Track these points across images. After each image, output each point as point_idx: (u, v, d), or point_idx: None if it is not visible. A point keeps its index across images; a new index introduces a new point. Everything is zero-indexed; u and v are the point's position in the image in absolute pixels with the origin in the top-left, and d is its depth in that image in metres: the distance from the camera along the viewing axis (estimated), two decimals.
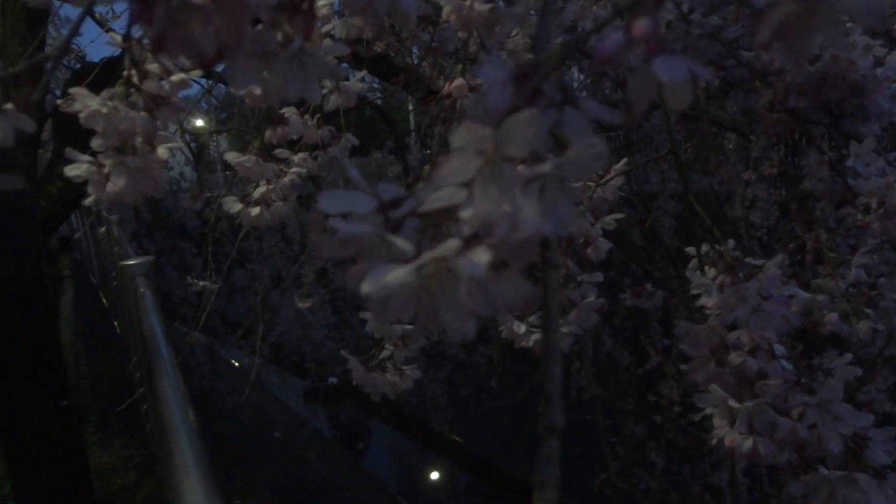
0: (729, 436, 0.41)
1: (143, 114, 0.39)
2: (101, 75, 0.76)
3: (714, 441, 0.41)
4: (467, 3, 0.41)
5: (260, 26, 0.27)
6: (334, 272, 3.54)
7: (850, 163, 0.59)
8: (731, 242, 0.57)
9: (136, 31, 0.39)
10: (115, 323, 2.92)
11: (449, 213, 0.20)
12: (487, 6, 0.41)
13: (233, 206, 0.55)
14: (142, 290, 1.25)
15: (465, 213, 0.19)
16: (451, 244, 0.18)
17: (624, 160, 0.63)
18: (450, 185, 0.19)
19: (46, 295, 1.44)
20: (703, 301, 0.46)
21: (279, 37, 0.29)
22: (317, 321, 3.75)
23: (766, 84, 0.65)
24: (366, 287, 0.18)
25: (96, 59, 1.86)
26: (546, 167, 0.18)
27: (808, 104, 0.63)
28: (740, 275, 0.46)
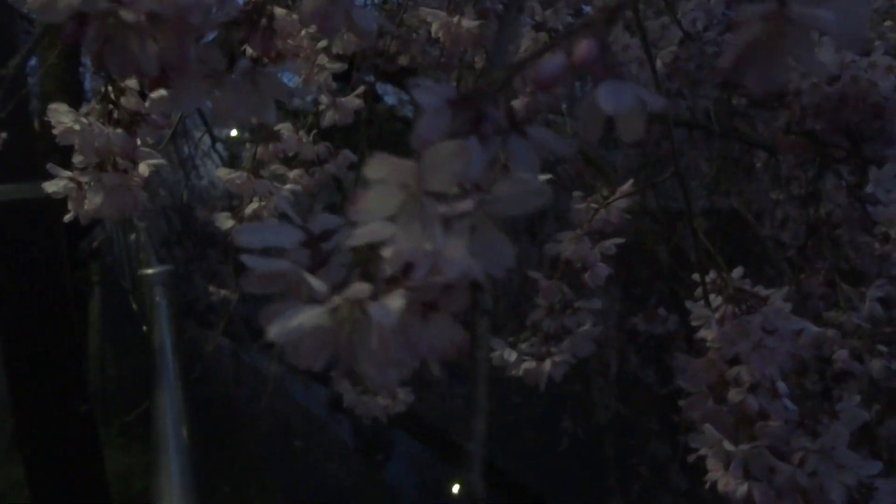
0: (723, 480, 0.38)
1: (118, 131, 0.38)
2: None
3: (707, 485, 0.39)
4: (455, 19, 0.40)
5: (207, 42, 0.26)
6: None
7: (869, 189, 0.56)
8: (737, 270, 0.54)
9: None
10: (144, 327, 2.96)
11: (376, 249, 0.18)
12: (475, 23, 0.39)
13: (224, 222, 0.54)
14: (157, 299, 1.26)
15: (387, 252, 0.17)
16: (363, 287, 0.17)
17: (630, 181, 0.61)
18: (374, 221, 0.18)
19: (67, 302, 1.46)
20: (702, 333, 0.44)
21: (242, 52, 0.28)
22: None
23: (783, 104, 0.62)
24: (271, 331, 0.17)
25: None
26: (467, 205, 0.16)
27: (826, 126, 0.60)
28: (743, 306, 0.44)
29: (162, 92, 0.40)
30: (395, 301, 0.16)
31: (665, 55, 0.67)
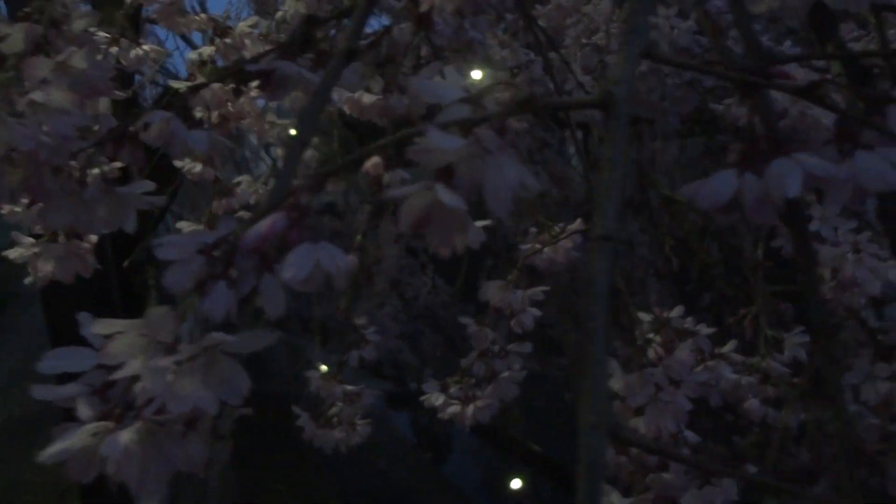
0: None
1: None
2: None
3: None
4: (357, 94, 0.43)
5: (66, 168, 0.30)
6: (409, 282, 3.60)
7: (813, 227, 0.55)
8: (678, 309, 0.55)
9: None
10: None
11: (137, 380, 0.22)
12: (374, 98, 0.42)
13: None
14: None
15: (136, 387, 0.21)
16: (108, 423, 0.20)
17: (579, 220, 0.63)
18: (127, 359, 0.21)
19: (112, 312, 1.56)
20: (610, 383, 0.46)
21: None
22: (393, 328, 3.82)
23: (738, 138, 0.62)
24: (45, 454, 0.21)
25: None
26: (166, 361, 0.20)
27: None
28: (645, 357, 0.45)
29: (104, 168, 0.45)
30: (126, 435, 0.20)
31: None
